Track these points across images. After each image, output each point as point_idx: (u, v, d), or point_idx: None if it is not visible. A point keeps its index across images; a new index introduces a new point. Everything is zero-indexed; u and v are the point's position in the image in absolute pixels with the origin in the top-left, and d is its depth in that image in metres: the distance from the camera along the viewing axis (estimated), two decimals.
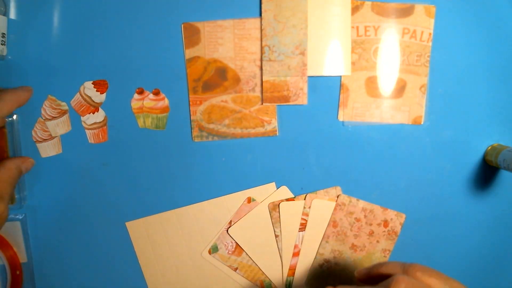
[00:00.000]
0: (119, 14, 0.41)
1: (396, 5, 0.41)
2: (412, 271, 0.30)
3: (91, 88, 0.42)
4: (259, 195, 0.44)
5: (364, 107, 0.42)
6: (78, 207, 0.44)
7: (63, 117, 0.34)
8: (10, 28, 0.41)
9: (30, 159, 0.41)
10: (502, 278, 0.45)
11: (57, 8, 0.41)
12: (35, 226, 0.44)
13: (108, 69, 0.42)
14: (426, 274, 0.30)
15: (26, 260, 0.44)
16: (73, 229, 0.44)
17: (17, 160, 0.39)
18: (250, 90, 0.42)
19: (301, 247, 0.43)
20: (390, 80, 0.42)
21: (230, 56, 0.42)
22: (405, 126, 0.43)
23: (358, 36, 0.41)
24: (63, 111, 0.33)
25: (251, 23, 0.41)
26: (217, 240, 0.44)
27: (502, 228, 0.44)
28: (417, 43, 0.41)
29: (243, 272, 0.44)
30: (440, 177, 0.43)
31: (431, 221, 0.44)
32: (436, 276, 0.30)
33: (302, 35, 0.41)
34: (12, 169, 0.38)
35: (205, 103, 0.42)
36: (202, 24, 0.41)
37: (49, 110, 0.34)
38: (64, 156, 0.43)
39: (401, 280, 0.28)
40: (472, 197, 0.44)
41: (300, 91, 0.42)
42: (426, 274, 0.30)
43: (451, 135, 0.43)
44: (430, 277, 0.29)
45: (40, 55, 0.41)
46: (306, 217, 0.43)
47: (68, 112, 0.35)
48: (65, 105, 0.34)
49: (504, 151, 0.40)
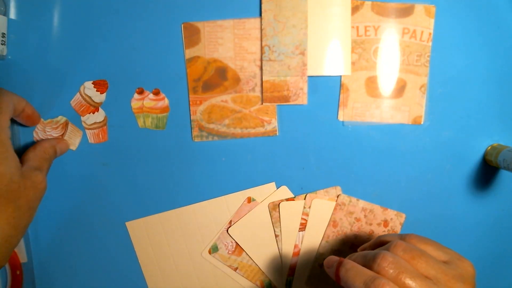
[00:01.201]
0: (119, 14, 0.41)
1: (396, 5, 0.41)
2: (409, 238, 0.33)
3: (91, 88, 0.42)
4: (259, 195, 0.44)
5: (364, 107, 0.42)
6: (78, 207, 0.44)
7: (68, 128, 0.34)
8: (10, 28, 0.41)
9: (65, 140, 0.41)
10: (502, 278, 0.45)
11: (57, 8, 0.41)
12: (35, 226, 0.44)
13: (108, 69, 0.42)
14: (422, 241, 0.33)
15: (26, 260, 0.44)
16: (73, 229, 0.44)
17: (53, 141, 0.41)
18: (250, 90, 0.42)
19: (301, 247, 0.43)
20: (390, 80, 0.42)
21: (230, 56, 0.42)
22: (405, 126, 0.43)
23: (358, 36, 0.41)
24: (64, 124, 0.33)
25: (251, 23, 0.41)
26: (217, 240, 0.44)
27: (502, 228, 0.44)
28: (417, 43, 0.41)
29: (243, 272, 0.44)
30: (440, 177, 0.43)
31: (431, 221, 0.44)
32: (431, 243, 0.33)
33: (302, 35, 0.41)
34: (47, 147, 0.39)
35: (205, 103, 0.42)
36: (202, 24, 0.41)
37: (54, 132, 0.34)
38: (64, 156, 0.43)
39: (399, 244, 0.31)
40: (472, 197, 0.44)
41: (300, 91, 0.42)
42: (422, 241, 0.33)
43: (451, 135, 0.43)
44: (425, 244, 0.32)
45: (40, 55, 0.41)
46: (306, 217, 0.43)
47: (69, 121, 0.34)
48: (61, 117, 0.33)
49: (504, 151, 0.40)
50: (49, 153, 0.39)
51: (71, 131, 0.35)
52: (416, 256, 0.30)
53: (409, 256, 0.30)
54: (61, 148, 0.41)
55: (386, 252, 0.30)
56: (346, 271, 0.30)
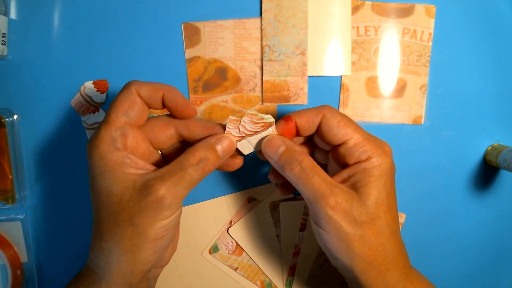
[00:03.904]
0: (119, 14, 0.41)
1: (396, 5, 0.41)
2: None
3: (92, 88, 0.42)
4: (259, 195, 0.44)
5: (364, 107, 0.42)
6: (79, 207, 0.44)
7: (268, 130, 0.32)
8: (10, 28, 0.41)
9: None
10: (502, 278, 0.45)
11: (57, 8, 0.41)
12: (36, 226, 0.44)
13: (108, 69, 0.42)
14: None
15: (27, 259, 0.44)
16: (74, 229, 0.44)
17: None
18: (251, 90, 0.42)
19: (301, 247, 0.44)
20: (390, 80, 0.42)
21: (230, 56, 0.42)
22: (405, 126, 0.43)
23: (358, 36, 0.41)
24: (268, 124, 0.32)
25: (251, 23, 0.41)
26: (218, 240, 0.44)
27: (502, 228, 0.44)
28: (417, 43, 0.41)
29: (243, 272, 0.44)
30: (440, 177, 0.43)
31: (431, 221, 0.44)
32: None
33: (302, 35, 0.41)
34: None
35: (206, 103, 0.42)
36: (202, 24, 0.41)
37: (250, 126, 0.32)
38: (64, 156, 0.43)
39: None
40: (472, 197, 0.44)
41: (300, 91, 0.42)
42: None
43: (451, 135, 0.43)
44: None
45: (40, 55, 0.41)
46: (306, 217, 0.43)
47: (273, 124, 0.32)
48: (269, 117, 0.32)
49: (504, 151, 0.40)
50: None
51: (268, 134, 0.33)
52: None
53: None
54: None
55: None
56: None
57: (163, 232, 0.29)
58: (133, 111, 0.30)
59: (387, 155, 0.31)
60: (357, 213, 0.29)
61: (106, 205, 0.29)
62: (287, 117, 0.33)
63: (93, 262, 0.30)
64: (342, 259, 0.30)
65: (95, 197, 0.30)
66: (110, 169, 0.29)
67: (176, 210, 0.30)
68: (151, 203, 0.28)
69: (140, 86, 0.30)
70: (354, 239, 0.29)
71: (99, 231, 0.29)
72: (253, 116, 0.32)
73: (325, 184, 0.29)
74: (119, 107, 0.30)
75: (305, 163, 0.30)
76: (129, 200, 0.28)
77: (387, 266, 0.30)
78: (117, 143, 0.29)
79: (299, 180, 0.30)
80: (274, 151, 0.32)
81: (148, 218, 0.28)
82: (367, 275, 0.30)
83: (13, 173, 0.42)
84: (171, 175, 0.29)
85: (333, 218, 0.29)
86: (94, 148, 0.29)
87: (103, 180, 0.29)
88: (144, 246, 0.29)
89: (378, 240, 0.30)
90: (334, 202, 0.29)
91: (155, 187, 0.28)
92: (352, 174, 0.31)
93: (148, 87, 0.30)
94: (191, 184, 0.29)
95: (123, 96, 0.30)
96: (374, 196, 0.30)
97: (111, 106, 0.30)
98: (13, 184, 0.42)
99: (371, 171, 0.30)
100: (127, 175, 0.29)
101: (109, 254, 0.29)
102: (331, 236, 0.29)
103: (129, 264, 0.29)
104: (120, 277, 0.29)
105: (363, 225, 0.29)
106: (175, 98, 0.31)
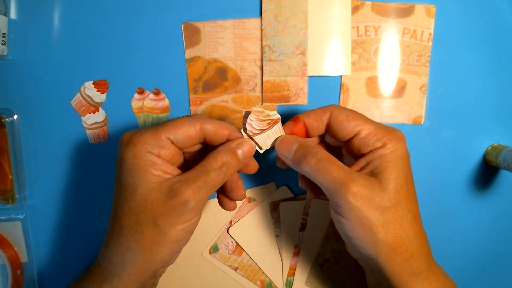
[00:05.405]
0: (119, 14, 0.41)
1: (396, 5, 0.41)
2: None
3: (92, 88, 0.42)
4: (259, 195, 0.44)
5: (364, 107, 0.42)
6: (79, 207, 0.44)
7: (274, 127, 0.32)
8: (10, 28, 0.41)
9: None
10: (502, 277, 0.45)
11: (57, 8, 0.41)
12: (36, 226, 0.44)
13: (108, 69, 0.42)
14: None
15: (27, 259, 0.44)
16: (74, 229, 0.44)
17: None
18: (251, 90, 0.42)
19: (301, 247, 0.44)
20: (390, 80, 0.42)
21: (230, 56, 0.42)
22: (405, 126, 0.43)
23: (358, 36, 0.41)
24: (274, 121, 0.32)
25: (251, 23, 0.41)
26: (218, 240, 0.44)
27: (502, 228, 0.44)
28: (417, 43, 0.41)
29: (243, 272, 0.44)
30: (440, 177, 0.43)
31: (431, 220, 0.44)
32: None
33: (302, 35, 0.41)
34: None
35: (206, 103, 0.42)
36: (202, 24, 0.41)
37: (256, 124, 0.32)
38: (64, 156, 0.43)
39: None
40: (472, 197, 0.44)
41: (300, 91, 0.42)
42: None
43: (451, 135, 0.43)
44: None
45: (40, 55, 0.41)
46: (306, 217, 0.43)
47: (279, 121, 0.33)
48: (275, 113, 0.32)
49: (504, 151, 0.40)
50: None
51: (275, 132, 0.33)
52: None
53: None
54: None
55: None
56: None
57: (183, 234, 0.30)
58: (183, 138, 0.31)
59: (401, 140, 0.31)
60: (379, 198, 0.29)
61: (129, 202, 0.30)
62: (295, 118, 0.33)
63: (107, 258, 0.30)
64: (365, 247, 0.29)
65: (119, 192, 0.30)
66: (140, 168, 0.29)
67: (198, 213, 0.30)
68: (176, 206, 0.29)
69: (206, 123, 0.32)
70: (377, 225, 0.29)
71: (118, 226, 0.30)
72: (259, 113, 0.32)
73: (343, 172, 0.29)
74: (176, 128, 0.31)
75: (320, 155, 0.30)
76: (154, 202, 0.29)
77: (411, 252, 0.29)
78: (154, 150, 0.30)
79: (316, 172, 0.30)
80: (288, 150, 0.32)
81: (171, 219, 0.29)
82: (392, 262, 0.29)
83: (13, 173, 0.42)
84: (195, 179, 0.29)
85: (354, 205, 0.28)
86: (131, 145, 0.30)
87: (131, 178, 0.30)
88: (163, 246, 0.29)
89: (401, 225, 0.29)
90: (355, 189, 0.29)
91: (181, 190, 0.29)
92: (369, 161, 0.31)
93: (214, 125, 0.32)
94: (214, 188, 0.30)
95: (185, 121, 0.31)
96: (393, 181, 0.30)
97: (170, 121, 0.31)
98: (13, 184, 0.42)
99: (388, 156, 0.30)
100: (155, 177, 0.30)
101: (127, 251, 0.29)
102: (354, 224, 0.29)
103: (145, 262, 0.29)
104: (134, 274, 0.30)
105: (385, 211, 0.29)
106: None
